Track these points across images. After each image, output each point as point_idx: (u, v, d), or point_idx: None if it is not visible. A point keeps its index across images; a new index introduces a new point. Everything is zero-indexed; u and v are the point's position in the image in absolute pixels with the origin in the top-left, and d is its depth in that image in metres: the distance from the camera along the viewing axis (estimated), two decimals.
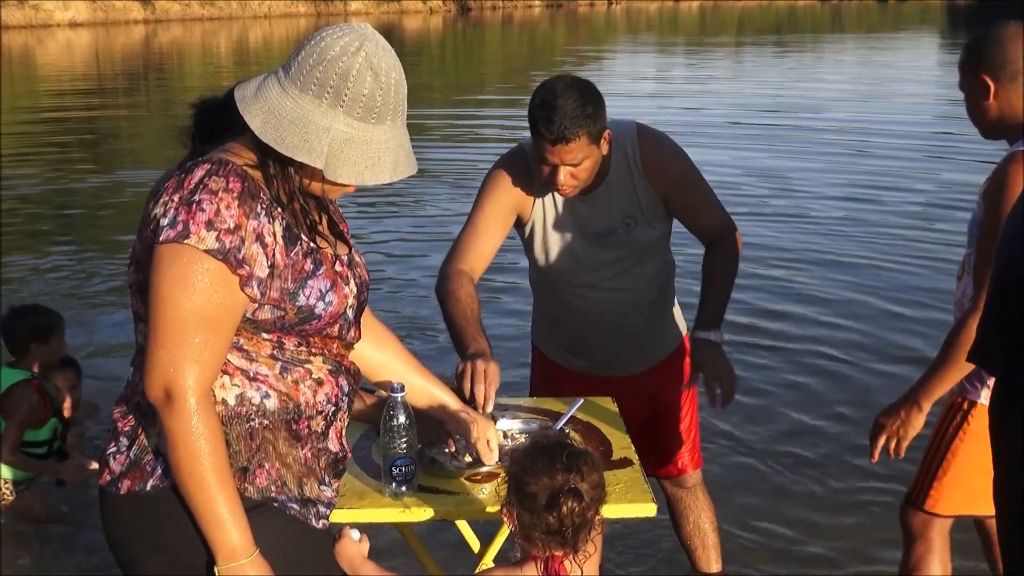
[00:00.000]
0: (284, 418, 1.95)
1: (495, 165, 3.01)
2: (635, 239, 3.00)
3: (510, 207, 2.96)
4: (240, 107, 1.85)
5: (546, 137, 2.73)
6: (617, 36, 42.66)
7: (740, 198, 9.16)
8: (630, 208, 2.98)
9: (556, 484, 1.97)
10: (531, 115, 2.78)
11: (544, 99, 2.75)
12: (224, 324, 1.85)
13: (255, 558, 1.87)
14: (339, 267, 2.01)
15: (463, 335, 2.69)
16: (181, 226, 1.79)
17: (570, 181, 2.82)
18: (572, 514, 1.96)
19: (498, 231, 2.96)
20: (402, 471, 2.30)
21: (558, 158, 2.77)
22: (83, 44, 37.36)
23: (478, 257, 2.91)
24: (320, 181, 1.90)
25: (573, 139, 2.73)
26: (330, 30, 1.87)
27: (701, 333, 2.93)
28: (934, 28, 45.99)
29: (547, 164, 2.81)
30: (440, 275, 2.88)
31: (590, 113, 2.74)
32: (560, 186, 2.83)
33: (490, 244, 2.94)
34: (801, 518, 4.09)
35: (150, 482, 1.91)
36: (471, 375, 2.52)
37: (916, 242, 8.02)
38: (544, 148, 2.77)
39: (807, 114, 15.75)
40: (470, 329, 2.70)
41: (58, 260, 7.96)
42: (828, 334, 6.09)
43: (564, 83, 2.80)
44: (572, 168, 2.79)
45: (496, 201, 2.95)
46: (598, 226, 2.98)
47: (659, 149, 3.00)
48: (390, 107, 1.86)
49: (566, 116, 2.71)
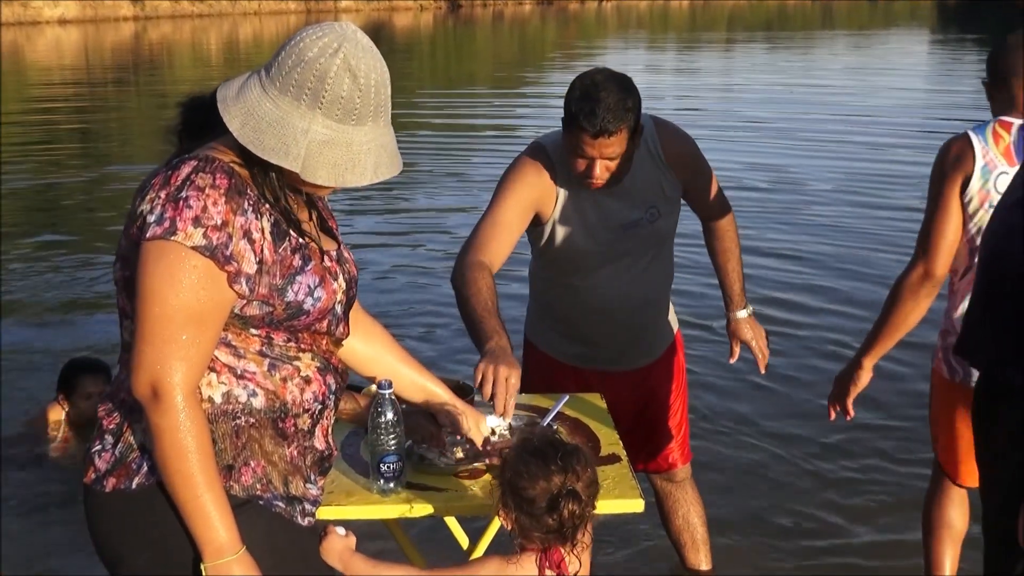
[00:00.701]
0: (271, 416, 1.95)
1: (516, 161, 2.98)
2: (658, 229, 3.02)
3: (531, 204, 2.92)
4: (220, 108, 1.85)
5: (587, 130, 2.71)
6: (608, 33, 42.63)
7: (741, 191, 9.23)
8: (653, 198, 2.98)
9: (554, 487, 1.98)
10: (570, 107, 2.74)
11: (585, 92, 2.73)
12: (211, 321, 1.84)
13: (241, 555, 1.87)
14: (328, 263, 2.01)
15: (482, 327, 2.61)
16: (168, 222, 1.79)
17: (604, 175, 2.81)
18: (572, 516, 1.98)
19: (518, 227, 2.92)
20: (390, 468, 2.29)
21: (597, 152, 2.75)
22: (72, 41, 37.20)
23: (497, 250, 2.85)
24: (300, 182, 1.89)
25: (615, 133, 2.71)
26: (310, 30, 1.86)
27: (741, 312, 3.23)
28: (925, 25, 46.06)
29: (584, 157, 2.78)
30: (457, 265, 2.81)
31: (631, 107, 2.73)
32: (595, 180, 2.81)
33: (510, 239, 2.89)
34: (796, 511, 4.11)
35: (136, 480, 1.91)
36: (492, 381, 2.42)
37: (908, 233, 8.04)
38: (583, 140, 2.74)
39: (800, 108, 15.80)
40: (490, 321, 2.61)
41: (46, 253, 7.93)
42: (823, 323, 6.13)
43: (604, 75, 2.78)
44: (608, 162, 2.78)
45: (518, 196, 2.91)
46: (624, 217, 2.97)
47: (678, 138, 3.05)
48: (370, 108, 1.85)
49: (609, 110, 2.68)
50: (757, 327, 3.26)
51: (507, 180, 2.94)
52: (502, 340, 2.56)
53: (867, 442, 4.65)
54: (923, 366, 3.97)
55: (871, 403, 4.72)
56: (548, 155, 2.93)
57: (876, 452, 4.57)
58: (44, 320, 6.43)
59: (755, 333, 3.25)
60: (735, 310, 3.24)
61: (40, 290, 6.95)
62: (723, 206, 3.20)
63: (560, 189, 2.93)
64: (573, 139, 2.77)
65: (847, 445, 4.63)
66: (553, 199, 2.94)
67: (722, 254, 3.22)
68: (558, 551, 2.04)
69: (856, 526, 3.99)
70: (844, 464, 4.49)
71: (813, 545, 3.88)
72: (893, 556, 3.73)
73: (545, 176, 2.92)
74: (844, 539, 3.92)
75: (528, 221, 2.95)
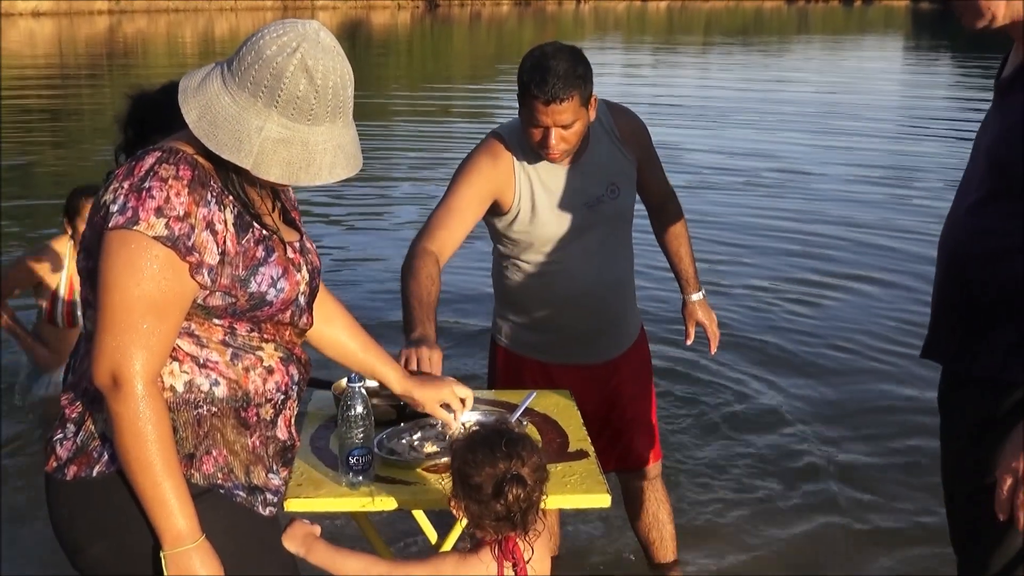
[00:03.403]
0: (233, 406, 1.95)
1: (473, 151, 3.00)
2: (619, 206, 3.06)
3: (487, 193, 2.95)
4: (180, 98, 1.85)
5: (539, 97, 2.75)
6: (585, 34, 42.70)
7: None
8: (614, 175, 3.04)
9: (499, 472, 2.02)
10: (522, 77, 2.80)
11: (536, 62, 2.79)
12: (172, 311, 1.84)
13: (201, 543, 1.87)
14: (291, 254, 2.01)
15: (412, 317, 2.68)
16: (131, 212, 1.79)
17: (561, 145, 2.84)
18: (518, 500, 2.02)
19: (471, 216, 2.95)
20: (359, 461, 2.29)
21: (551, 119, 2.79)
22: (46, 33, 36.86)
23: (448, 238, 2.89)
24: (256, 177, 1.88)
25: (566, 99, 2.76)
26: (272, 27, 1.85)
27: (695, 295, 3.36)
28: (899, 31, 46.44)
29: (538, 126, 2.82)
30: (408, 252, 2.86)
31: (581, 74, 2.79)
32: (551, 149, 2.85)
33: (462, 227, 2.93)
34: (764, 505, 4.11)
35: (96, 468, 1.91)
36: (417, 364, 2.52)
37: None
38: (536, 109, 2.78)
39: (781, 106, 15.97)
40: (421, 312, 2.68)
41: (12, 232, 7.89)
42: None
43: (554, 47, 2.84)
44: (563, 131, 2.82)
45: (472, 185, 2.93)
46: (586, 194, 3.00)
47: (629, 115, 3.14)
48: (327, 109, 1.84)
49: (559, 77, 2.74)
50: (709, 310, 3.40)
51: (461, 170, 2.98)
52: (426, 330, 2.64)
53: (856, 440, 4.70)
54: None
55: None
56: (505, 141, 2.97)
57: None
58: None
59: (711, 318, 3.38)
60: (690, 292, 3.36)
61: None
62: (670, 190, 3.31)
63: (519, 173, 2.96)
64: (527, 109, 2.82)
65: (815, 436, 4.69)
66: (513, 184, 2.96)
67: (674, 239, 3.33)
68: (511, 539, 2.08)
69: (818, 516, 4.02)
70: (814, 454, 4.53)
71: (779, 536, 3.90)
72: (867, 548, 3.77)
73: (501, 163, 2.95)
74: (814, 528, 3.94)
75: (484, 210, 2.98)
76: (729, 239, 7.93)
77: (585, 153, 2.98)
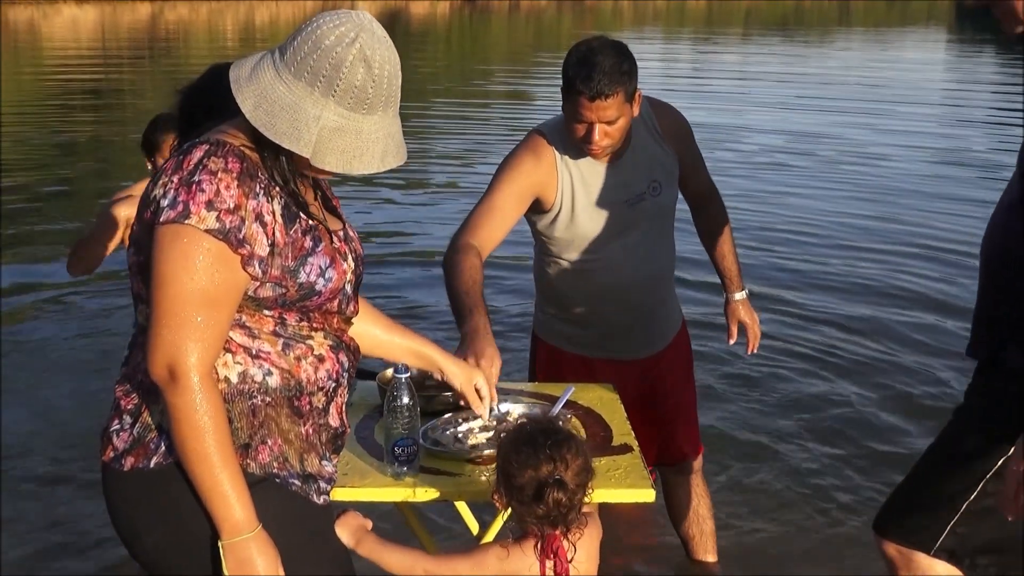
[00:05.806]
0: (286, 395, 1.97)
1: (515, 148, 3.00)
2: (660, 204, 3.05)
3: (528, 191, 2.94)
4: (233, 88, 1.86)
5: (584, 93, 2.74)
6: (623, 26, 42.50)
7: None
8: (656, 172, 3.03)
9: (541, 476, 2.03)
10: (567, 72, 2.79)
11: (581, 57, 2.77)
12: (226, 303, 1.86)
13: (258, 532, 1.89)
14: (336, 243, 2.03)
15: (462, 305, 2.66)
16: (181, 206, 1.81)
17: (604, 141, 2.83)
18: (559, 504, 2.03)
19: (512, 213, 2.94)
20: (404, 452, 2.30)
21: (595, 115, 2.78)
22: (89, 20, 37.27)
23: (489, 234, 2.89)
24: (308, 167, 1.90)
25: (611, 95, 2.75)
26: (327, 17, 1.87)
27: (739, 294, 3.33)
28: (942, 24, 45.83)
29: (582, 122, 2.81)
30: (449, 247, 2.86)
31: (626, 71, 2.78)
32: (594, 146, 2.84)
33: (503, 224, 2.92)
34: (805, 504, 4.09)
35: (154, 459, 1.93)
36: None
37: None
38: (581, 105, 2.77)
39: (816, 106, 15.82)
40: (469, 300, 2.66)
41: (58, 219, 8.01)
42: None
43: (600, 42, 2.83)
44: (607, 127, 2.81)
45: (515, 183, 2.93)
46: (628, 192, 2.99)
47: (671, 112, 3.13)
48: (381, 98, 1.87)
49: (604, 73, 2.73)
50: (751, 310, 3.36)
51: (503, 168, 2.97)
52: (480, 319, 2.61)
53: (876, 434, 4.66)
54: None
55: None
56: (547, 139, 2.96)
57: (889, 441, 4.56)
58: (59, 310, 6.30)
59: (754, 318, 3.36)
60: (733, 291, 3.33)
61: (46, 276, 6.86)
62: (713, 187, 3.29)
63: (562, 171, 2.95)
64: (572, 105, 2.80)
65: (855, 436, 4.65)
66: (555, 182, 2.95)
67: (717, 237, 3.31)
68: (556, 538, 2.08)
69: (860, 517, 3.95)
70: (855, 454, 4.49)
71: (821, 536, 3.87)
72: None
73: (544, 162, 2.94)
74: (847, 530, 3.89)
75: (523, 209, 2.97)
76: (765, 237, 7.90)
77: (627, 150, 2.97)
